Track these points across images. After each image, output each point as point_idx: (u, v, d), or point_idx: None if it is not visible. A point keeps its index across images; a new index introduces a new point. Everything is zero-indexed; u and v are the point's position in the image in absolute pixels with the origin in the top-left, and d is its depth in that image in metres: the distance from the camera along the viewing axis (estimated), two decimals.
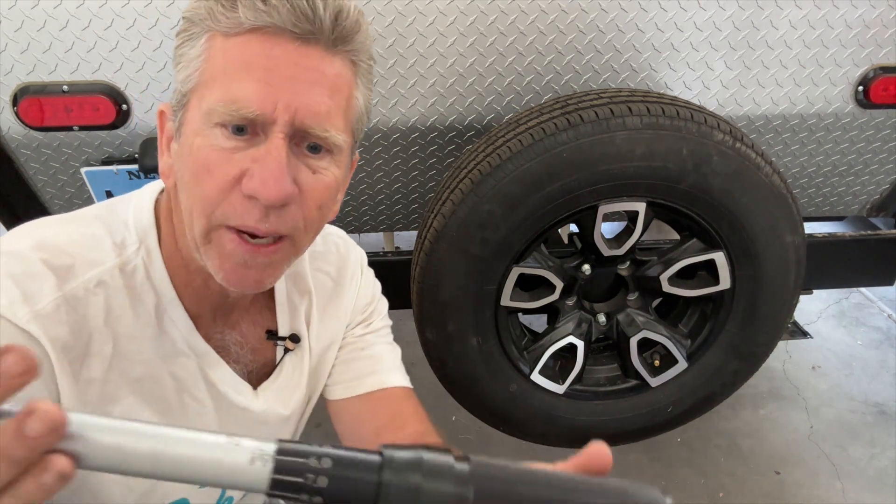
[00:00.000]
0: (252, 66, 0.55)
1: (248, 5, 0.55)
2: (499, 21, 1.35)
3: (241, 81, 0.55)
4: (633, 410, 1.59)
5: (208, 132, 0.57)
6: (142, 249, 0.66)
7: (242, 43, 0.56)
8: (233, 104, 0.55)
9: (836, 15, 1.40)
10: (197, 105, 0.58)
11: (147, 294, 0.65)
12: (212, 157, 0.57)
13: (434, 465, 0.40)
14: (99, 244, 0.64)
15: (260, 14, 0.54)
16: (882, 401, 2.19)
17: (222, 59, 0.56)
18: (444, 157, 1.53)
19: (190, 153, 0.58)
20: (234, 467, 0.38)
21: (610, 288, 1.57)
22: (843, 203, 1.70)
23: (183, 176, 0.60)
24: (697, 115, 1.26)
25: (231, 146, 0.57)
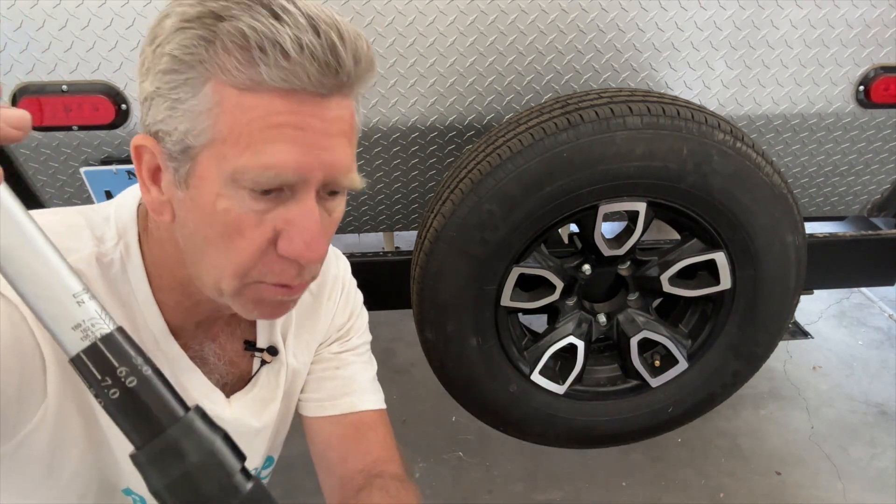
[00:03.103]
0: (282, 127, 0.52)
1: (271, 63, 0.50)
2: (499, 20, 1.35)
3: (273, 144, 0.52)
4: (633, 411, 1.59)
5: (234, 194, 0.54)
6: (120, 244, 0.65)
7: (266, 102, 0.51)
8: (269, 171, 0.52)
9: (836, 14, 1.39)
10: (214, 164, 0.54)
11: (122, 289, 0.65)
12: (243, 220, 0.55)
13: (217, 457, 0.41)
14: (78, 234, 0.64)
15: (285, 74, 0.50)
16: (883, 401, 2.19)
17: (244, 119, 0.52)
18: (444, 157, 1.53)
19: (213, 214, 0.55)
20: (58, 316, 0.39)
21: (610, 288, 1.57)
22: (844, 203, 1.69)
23: (202, 232, 0.57)
24: (698, 114, 1.26)
25: (261, 208, 0.55)
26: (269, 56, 0.50)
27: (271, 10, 0.50)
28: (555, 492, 1.86)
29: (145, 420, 0.40)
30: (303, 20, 0.50)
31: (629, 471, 1.91)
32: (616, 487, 1.86)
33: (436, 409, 2.12)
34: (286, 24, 0.50)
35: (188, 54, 0.52)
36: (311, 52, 0.50)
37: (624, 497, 1.83)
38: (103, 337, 0.40)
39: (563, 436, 1.61)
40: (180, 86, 0.53)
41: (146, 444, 0.39)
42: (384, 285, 1.67)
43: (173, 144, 0.55)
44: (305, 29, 0.50)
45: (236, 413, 0.76)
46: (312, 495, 1.02)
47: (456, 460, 1.96)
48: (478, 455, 1.98)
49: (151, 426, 0.40)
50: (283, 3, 0.51)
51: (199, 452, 0.40)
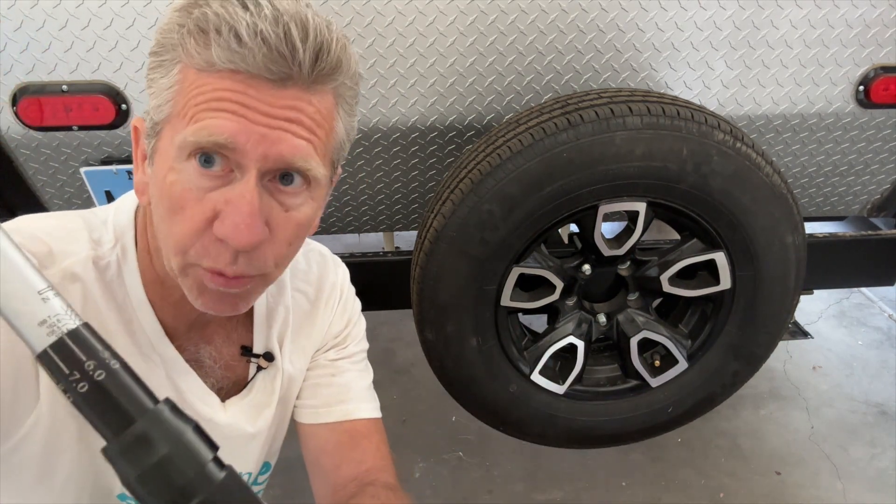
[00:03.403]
0: (225, 101, 0.54)
1: (223, 45, 0.52)
2: (499, 21, 1.35)
3: (215, 113, 0.54)
4: (633, 411, 1.59)
5: (181, 167, 0.55)
6: (117, 247, 0.66)
7: (216, 80, 0.54)
8: (204, 130, 0.54)
9: (836, 14, 1.39)
10: (169, 137, 0.56)
11: (118, 291, 0.66)
12: (185, 196, 0.56)
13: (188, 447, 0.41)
14: (76, 237, 0.65)
15: (234, 56, 0.52)
16: (883, 401, 2.19)
17: (195, 94, 0.54)
18: (444, 157, 1.53)
19: (163, 187, 0.57)
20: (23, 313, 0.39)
21: (610, 288, 1.57)
22: (844, 203, 1.69)
23: (157, 206, 0.59)
24: (698, 114, 1.26)
25: (205, 185, 0.55)
26: (223, 39, 0.52)
27: (243, 1, 0.53)
28: (555, 492, 1.86)
29: (115, 412, 0.40)
30: (268, 11, 0.52)
31: (629, 471, 1.91)
32: (616, 487, 1.86)
33: (436, 409, 2.12)
34: (249, 12, 0.52)
35: (167, 38, 0.56)
36: (262, 38, 0.51)
37: (624, 497, 1.83)
38: (70, 332, 0.39)
39: (563, 436, 1.61)
40: (158, 67, 0.57)
41: (116, 437, 0.39)
42: (384, 285, 1.67)
43: (149, 122, 0.59)
44: (266, 18, 0.51)
45: (231, 418, 0.76)
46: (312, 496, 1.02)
47: (456, 460, 1.96)
48: (478, 455, 1.97)
49: (121, 418, 0.40)
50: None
51: (169, 442, 0.40)
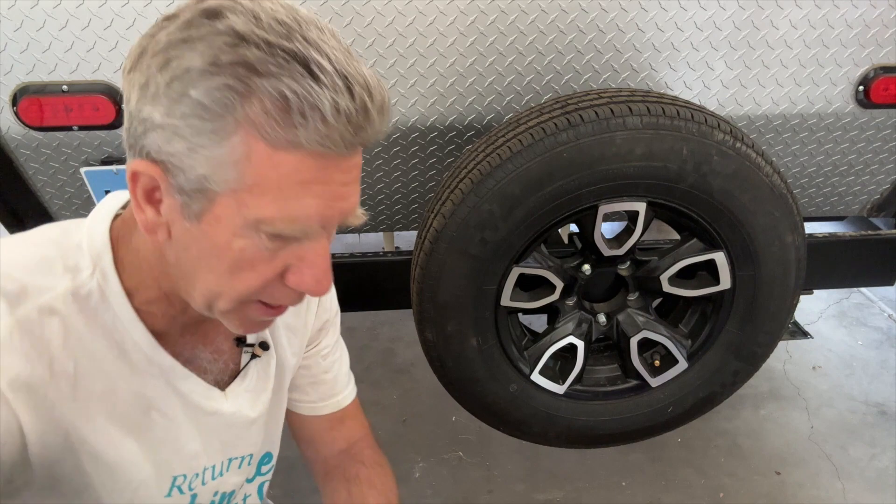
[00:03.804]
0: (309, 183, 0.53)
1: (310, 129, 0.50)
2: (499, 21, 1.35)
3: (300, 199, 0.54)
4: (633, 411, 1.59)
5: (251, 235, 0.55)
6: (96, 273, 0.64)
7: (297, 161, 0.52)
8: (294, 224, 0.55)
9: (836, 15, 1.40)
10: (235, 209, 0.54)
11: (104, 316, 0.64)
12: (256, 257, 0.57)
13: None
14: (50, 268, 0.62)
15: (321, 139, 0.51)
16: (882, 401, 2.19)
17: (275, 175, 0.52)
18: (444, 157, 1.53)
19: (227, 250, 0.56)
20: None
21: (610, 288, 1.57)
22: (844, 203, 1.69)
23: (207, 261, 0.58)
24: (698, 114, 1.26)
25: (276, 246, 0.57)
26: (309, 121, 0.50)
27: (308, 68, 0.50)
28: (555, 492, 1.86)
29: None
30: (339, 80, 0.50)
31: (629, 471, 1.91)
32: (616, 487, 1.86)
33: (436, 409, 2.12)
34: (324, 85, 0.49)
35: (218, 104, 0.50)
36: (346, 116, 0.51)
37: (624, 497, 1.83)
38: None
39: (563, 436, 1.61)
40: (205, 133, 0.51)
41: None
42: (384, 285, 1.67)
43: (187, 182, 0.54)
44: (342, 91, 0.50)
45: (233, 405, 0.77)
46: (312, 495, 1.03)
47: (456, 460, 1.96)
48: (478, 455, 1.98)
49: None
50: (318, 57, 0.50)
51: None
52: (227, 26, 0.50)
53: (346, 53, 0.52)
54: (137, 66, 0.53)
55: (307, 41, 0.50)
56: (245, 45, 0.49)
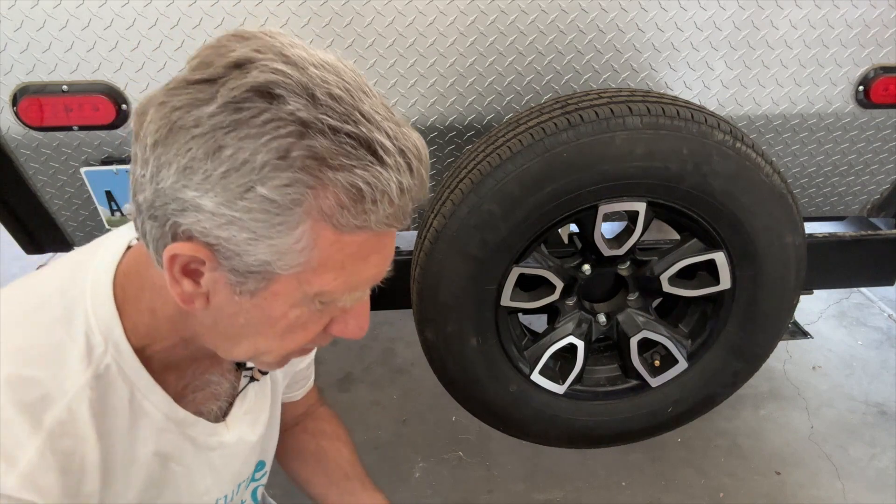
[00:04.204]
0: (369, 255, 0.56)
1: (380, 213, 0.51)
2: (499, 21, 1.35)
3: (360, 272, 0.56)
4: (633, 411, 1.59)
5: (309, 304, 0.57)
6: (109, 348, 0.62)
7: (362, 240, 0.53)
8: (353, 291, 0.57)
9: (836, 15, 1.40)
10: (296, 286, 0.55)
11: (122, 389, 0.63)
12: (309, 319, 0.59)
13: None
14: (66, 358, 0.60)
15: (390, 220, 0.53)
16: (882, 401, 2.19)
17: (340, 256, 0.53)
18: (444, 157, 1.53)
19: (280, 319, 0.58)
20: None
21: (610, 288, 1.57)
22: (844, 203, 1.69)
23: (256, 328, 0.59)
24: (698, 114, 1.26)
25: (325, 306, 0.59)
26: (379, 206, 0.51)
27: (374, 152, 0.50)
28: (555, 492, 1.86)
29: None
30: (400, 159, 0.51)
31: (629, 471, 1.91)
32: (616, 487, 1.86)
33: (436, 409, 2.12)
34: (390, 168, 0.50)
35: (288, 199, 0.49)
36: (409, 193, 0.52)
37: (624, 497, 1.83)
38: None
39: (563, 436, 1.61)
40: (272, 226, 0.50)
41: None
42: (384, 285, 1.67)
43: (243, 265, 0.53)
44: (404, 170, 0.51)
45: (235, 434, 0.77)
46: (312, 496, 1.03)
47: (456, 460, 1.96)
48: (478, 455, 1.98)
49: None
50: (380, 137, 0.50)
51: None
52: (290, 113, 0.48)
53: (389, 114, 0.53)
54: (168, 142, 0.49)
55: (366, 118, 0.50)
56: (311, 135, 0.48)
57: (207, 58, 0.50)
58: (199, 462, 0.73)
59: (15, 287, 0.65)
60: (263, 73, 0.48)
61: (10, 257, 2.90)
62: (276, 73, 0.48)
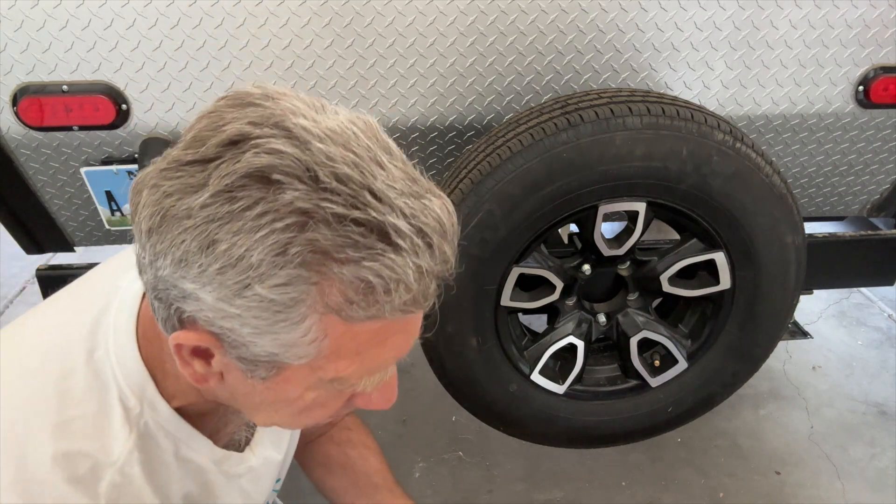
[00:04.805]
0: (389, 338, 0.51)
1: (396, 302, 0.46)
2: (499, 21, 1.35)
3: (379, 357, 0.52)
4: (633, 411, 1.59)
5: (327, 387, 0.53)
6: (145, 409, 0.60)
7: (378, 328, 0.48)
8: (372, 375, 0.53)
9: (836, 15, 1.40)
10: (308, 372, 0.51)
11: (167, 444, 0.62)
12: (329, 399, 0.56)
13: None
14: (107, 426, 0.58)
15: (407, 306, 0.47)
16: (882, 401, 2.19)
17: (354, 344, 0.49)
18: (444, 157, 1.53)
19: (298, 400, 0.54)
20: None
21: (610, 288, 1.57)
22: (844, 203, 1.69)
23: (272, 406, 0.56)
24: (697, 115, 1.26)
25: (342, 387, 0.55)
26: (394, 296, 0.45)
27: (385, 237, 0.44)
28: (555, 491, 1.86)
29: None
30: (419, 240, 0.45)
31: (629, 471, 1.91)
32: (616, 487, 1.86)
33: (436, 409, 2.12)
34: (405, 252, 0.44)
35: (289, 298, 0.45)
36: (429, 275, 0.47)
37: (624, 497, 1.83)
38: None
39: (563, 436, 1.61)
40: (275, 323, 0.46)
41: None
42: None
43: (251, 355, 0.49)
44: (423, 251, 0.45)
45: (261, 456, 0.76)
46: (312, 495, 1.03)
47: (456, 460, 1.96)
48: (478, 455, 1.97)
49: None
50: (394, 220, 0.44)
51: None
52: (287, 203, 0.43)
53: (408, 184, 0.47)
54: (161, 231, 0.46)
55: (377, 198, 0.44)
56: (313, 227, 0.43)
57: (201, 133, 0.46)
58: (231, 490, 0.73)
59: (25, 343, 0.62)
60: (258, 155, 0.43)
61: (10, 257, 2.90)
62: (272, 153, 0.43)
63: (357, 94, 1.40)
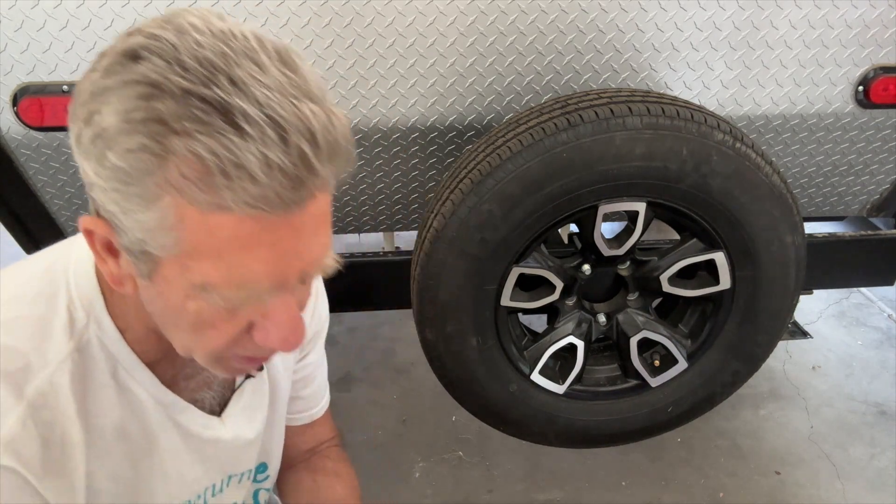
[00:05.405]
0: (252, 247, 0.47)
1: (237, 190, 0.43)
2: (499, 21, 1.35)
3: (243, 265, 0.48)
4: (633, 410, 1.59)
5: (204, 296, 0.50)
6: (91, 323, 0.62)
7: (234, 223, 0.46)
8: (241, 289, 0.49)
9: (836, 15, 1.40)
10: (180, 272, 0.50)
11: (104, 363, 0.63)
12: (215, 316, 0.52)
13: None
14: (49, 330, 0.60)
15: (254, 200, 0.44)
16: (882, 401, 2.19)
17: (212, 241, 0.47)
18: (444, 157, 1.53)
19: (181, 311, 0.52)
20: None
21: (610, 288, 1.57)
22: (843, 203, 1.69)
23: (170, 319, 0.56)
24: (697, 114, 1.26)
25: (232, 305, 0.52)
26: (235, 182, 0.43)
27: (231, 119, 0.43)
28: (555, 491, 1.86)
29: None
30: (269, 130, 0.43)
31: (629, 471, 1.91)
32: (616, 487, 1.86)
33: (436, 409, 2.12)
34: (250, 138, 0.43)
35: (136, 168, 0.45)
36: (281, 171, 0.44)
37: (624, 497, 1.83)
38: None
39: (563, 436, 1.61)
40: (131, 198, 0.46)
41: None
42: (384, 285, 1.67)
43: (130, 243, 0.49)
44: (273, 142, 0.43)
45: (232, 430, 0.76)
46: None
47: (456, 460, 1.96)
48: (478, 455, 1.98)
49: None
50: (243, 104, 0.43)
51: None
52: (141, 73, 0.44)
53: (289, 89, 0.45)
54: (70, 114, 0.49)
55: (233, 83, 0.44)
56: (159, 97, 0.43)
57: None
58: (188, 450, 0.73)
59: (11, 268, 0.66)
60: (136, 38, 0.46)
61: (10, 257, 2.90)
62: (150, 37, 0.45)
63: (357, 94, 1.40)
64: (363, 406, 2.14)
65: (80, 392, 0.61)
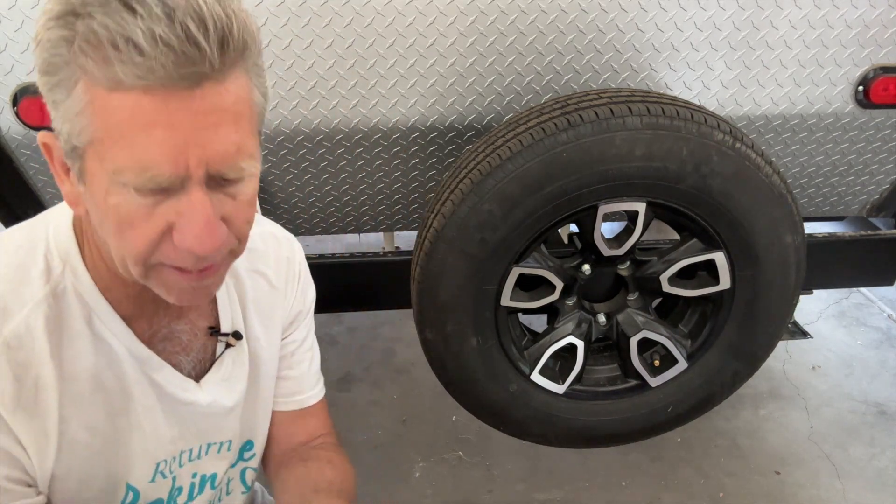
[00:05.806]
0: (150, 126, 0.51)
1: (125, 60, 0.48)
2: (499, 21, 1.35)
3: (144, 146, 0.51)
4: (632, 410, 1.59)
5: (120, 190, 0.53)
6: (67, 271, 0.66)
7: (131, 101, 0.50)
8: (144, 172, 0.52)
9: (836, 15, 1.40)
10: (98, 163, 0.53)
11: (79, 310, 0.66)
12: (133, 214, 0.55)
13: None
14: (27, 275, 0.64)
15: (140, 70, 0.48)
16: (882, 401, 2.19)
17: (115, 120, 0.51)
18: (444, 157, 1.53)
19: (106, 208, 0.55)
20: None
21: (610, 288, 1.57)
22: (843, 203, 1.69)
23: (101, 223, 0.58)
24: (697, 115, 1.26)
25: (150, 202, 0.54)
26: (123, 53, 0.48)
27: (126, 2, 0.48)
28: (555, 491, 1.86)
29: None
30: (158, 10, 0.48)
31: (629, 471, 1.91)
32: (616, 487, 1.86)
33: (436, 409, 2.12)
34: (139, 16, 0.48)
35: (55, 56, 0.51)
36: (166, 44, 0.48)
37: (624, 497, 1.83)
38: None
39: (562, 436, 1.61)
40: (54, 87, 0.53)
41: None
42: (384, 285, 1.67)
43: (64, 143, 0.55)
44: (159, 19, 0.48)
45: (209, 396, 0.77)
46: None
47: (456, 460, 1.96)
48: (478, 455, 1.98)
49: None
50: None
51: None
52: None
53: None
54: None
55: None
56: None
57: None
58: (164, 409, 0.74)
59: None
60: None
61: None
62: None
63: (357, 94, 1.40)
64: (363, 406, 2.14)
65: (55, 335, 0.64)
